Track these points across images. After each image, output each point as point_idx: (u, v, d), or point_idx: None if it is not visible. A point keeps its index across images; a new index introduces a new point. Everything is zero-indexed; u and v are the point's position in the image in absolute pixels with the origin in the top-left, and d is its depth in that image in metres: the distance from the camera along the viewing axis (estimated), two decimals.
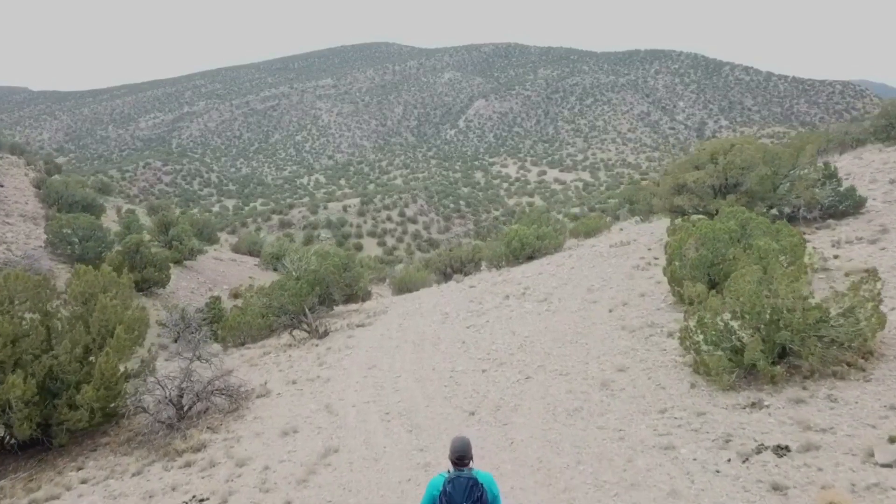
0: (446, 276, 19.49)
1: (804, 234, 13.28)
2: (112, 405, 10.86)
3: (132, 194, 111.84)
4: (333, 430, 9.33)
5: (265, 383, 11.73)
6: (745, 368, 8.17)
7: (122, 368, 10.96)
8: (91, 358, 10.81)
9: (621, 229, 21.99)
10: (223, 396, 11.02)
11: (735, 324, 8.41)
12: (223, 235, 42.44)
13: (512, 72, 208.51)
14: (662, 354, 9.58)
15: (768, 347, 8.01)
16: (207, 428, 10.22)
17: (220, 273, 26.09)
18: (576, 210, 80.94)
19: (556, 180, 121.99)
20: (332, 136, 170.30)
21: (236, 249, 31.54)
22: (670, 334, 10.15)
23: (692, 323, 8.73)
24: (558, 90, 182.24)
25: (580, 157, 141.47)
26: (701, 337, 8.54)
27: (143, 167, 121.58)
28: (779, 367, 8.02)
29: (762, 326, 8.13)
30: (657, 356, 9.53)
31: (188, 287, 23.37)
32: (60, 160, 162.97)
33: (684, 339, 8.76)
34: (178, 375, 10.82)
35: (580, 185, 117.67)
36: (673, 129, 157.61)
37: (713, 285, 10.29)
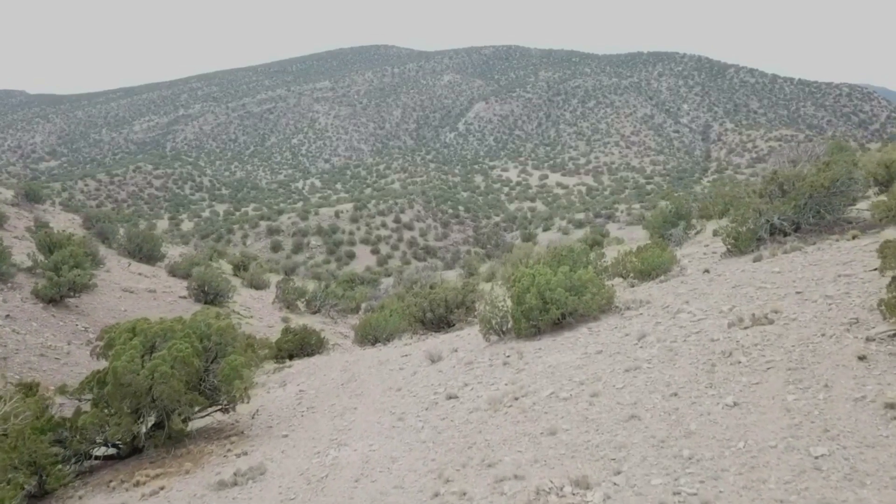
0: (424, 325, 14.19)
1: None
2: None
3: (120, 199, 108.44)
4: None
5: None
6: None
7: None
8: None
9: (706, 270, 11.35)
10: None
11: None
12: (179, 249, 37.37)
13: (512, 74, 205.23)
14: None
15: None
16: None
17: (122, 313, 18.16)
18: (580, 216, 77.34)
19: (559, 184, 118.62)
20: (329, 140, 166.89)
21: (173, 272, 26.18)
22: None
23: None
24: (560, 92, 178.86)
25: (583, 160, 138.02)
26: None
27: (133, 171, 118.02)
28: None
29: None
30: None
31: (45, 344, 14.41)
32: (52, 164, 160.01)
33: None
34: None
35: (583, 189, 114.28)
36: (677, 132, 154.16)
37: None
